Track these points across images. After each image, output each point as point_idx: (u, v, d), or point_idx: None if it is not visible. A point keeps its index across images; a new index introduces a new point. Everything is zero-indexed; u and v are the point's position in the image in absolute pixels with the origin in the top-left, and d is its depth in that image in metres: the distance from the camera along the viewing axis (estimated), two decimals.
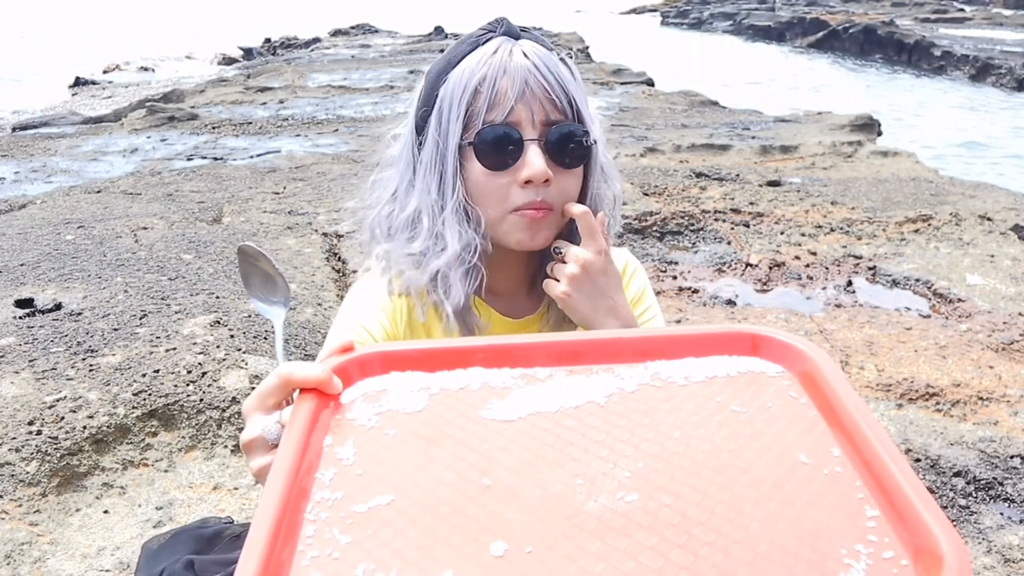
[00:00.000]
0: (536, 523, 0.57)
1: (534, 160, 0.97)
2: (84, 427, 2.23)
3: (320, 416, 0.69)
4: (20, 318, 2.92)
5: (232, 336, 2.73)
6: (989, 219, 4.32)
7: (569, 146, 1.00)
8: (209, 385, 2.44)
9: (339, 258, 3.81)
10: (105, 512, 2.09)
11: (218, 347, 2.63)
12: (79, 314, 2.93)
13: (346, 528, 0.57)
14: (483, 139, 0.98)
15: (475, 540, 0.56)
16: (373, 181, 1.12)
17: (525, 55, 0.98)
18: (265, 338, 2.79)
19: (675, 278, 3.74)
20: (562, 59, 1.02)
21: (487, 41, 1.01)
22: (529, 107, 0.98)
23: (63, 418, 2.25)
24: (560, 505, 0.59)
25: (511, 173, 0.99)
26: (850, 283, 3.66)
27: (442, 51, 1.06)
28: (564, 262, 1.03)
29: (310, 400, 0.70)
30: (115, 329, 2.77)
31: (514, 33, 1.02)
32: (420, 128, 1.04)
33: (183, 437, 2.32)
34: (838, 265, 3.86)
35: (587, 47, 14.75)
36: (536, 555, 0.54)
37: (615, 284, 1.04)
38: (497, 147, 0.98)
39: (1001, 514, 2.14)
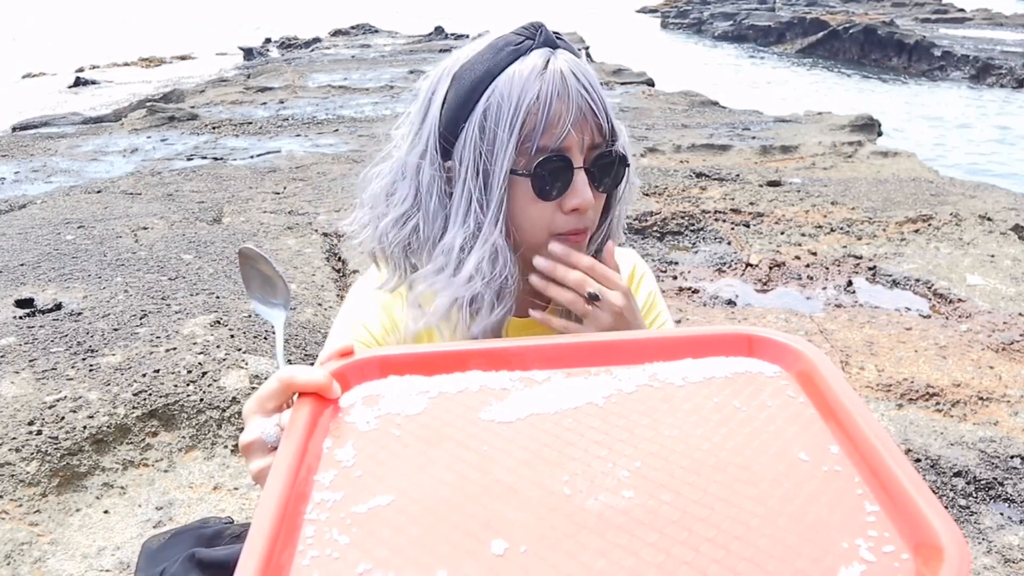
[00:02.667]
0: (536, 521, 0.57)
1: (583, 190, 0.95)
2: (84, 427, 2.23)
3: (319, 420, 0.69)
4: (20, 318, 2.92)
5: (232, 336, 2.73)
6: (989, 219, 4.32)
7: (611, 171, 0.98)
8: (209, 385, 2.44)
9: (339, 258, 3.81)
10: (105, 512, 2.09)
11: (218, 347, 2.64)
12: (79, 314, 2.93)
13: (345, 528, 0.57)
14: (542, 170, 0.94)
15: (476, 538, 0.56)
16: (380, 186, 1.03)
17: (574, 74, 0.93)
18: (265, 338, 2.79)
19: (675, 278, 3.74)
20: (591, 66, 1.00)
21: (528, 51, 0.94)
22: (581, 133, 0.94)
23: (63, 418, 2.25)
24: (560, 503, 0.59)
25: (557, 200, 0.96)
26: (850, 283, 3.66)
27: (446, 51, 1.00)
28: (596, 305, 0.96)
29: (308, 404, 0.70)
30: (115, 329, 2.77)
31: (552, 42, 0.96)
32: (449, 140, 0.96)
33: (183, 437, 2.32)
34: (838, 265, 3.86)
35: (587, 47, 14.75)
36: (537, 552, 0.54)
37: (638, 317, 1.00)
38: (553, 177, 0.95)
39: (1001, 514, 2.14)
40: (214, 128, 7.55)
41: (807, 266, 3.86)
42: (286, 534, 0.56)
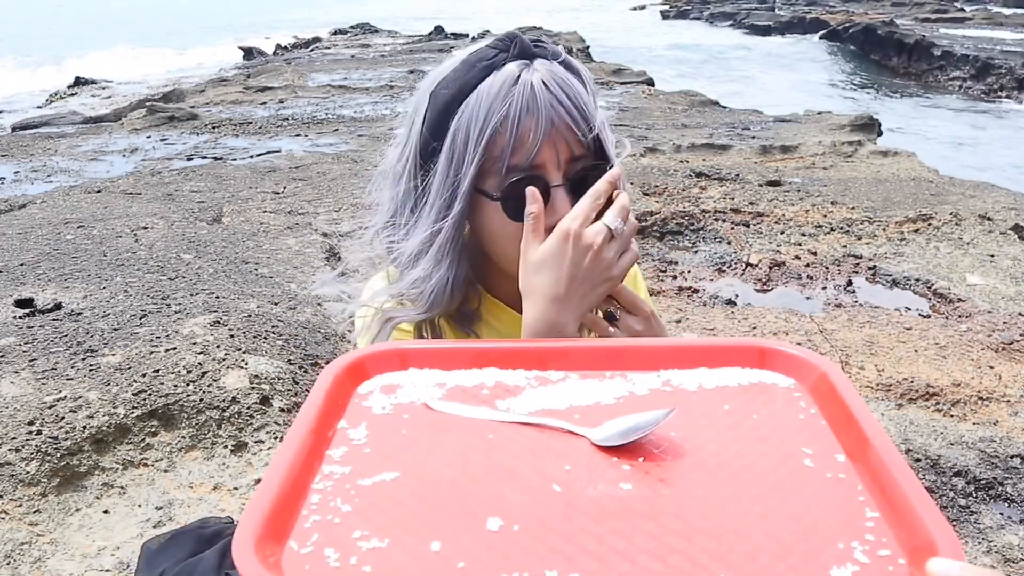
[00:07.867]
0: (534, 504, 0.59)
1: (562, 207, 0.90)
2: (84, 427, 2.23)
3: (336, 401, 0.73)
4: (20, 318, 2.92)
5: (232, 336, 2.74)
6: (989, 219, 4.32)
7: (591, 181, 0.92)
8: (209, 385, 2.44)
9: (339, 258, 3.82)
10: (105, 512, 2.09)
11: (218, 347, 2.64)
12: (79, 314, 2.93)
13: (349, 499, 0.60)
14: (511, 192, 0.90)
15: (473, 515, 0.58)
16: (372, 200, 1.07)
17: (546, 86, 0.90)
18: (265, 338, 2.79)
19: (675, 278, 3.74)
20: (576, 72, 0.94)
21: (502, 64, 0.91)
22: (555, 147, 0.90)
23: (63, 418, 2.25)
24: (560, 489, 0.61)
25: None
26: (850, 283, 3.66)
27: (446, 51, 1.00)
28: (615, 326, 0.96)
29: (326, 384, 0.73)
30: (115, 329, 2.77)
31: (528, 52, 0.92)
32: (426, 156, 0.96)
33: (183, 437, 2.32)
34: (838, 265, 3.86)
35: (587, 47, 14.75)
36: (531, 531, 0.56)
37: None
38: (523, 198, 0.90)
39: (1001, 514, 2.14)
40: (214, 128, 7.55)
41: (807, 266, 3.86)
42: (292, 499, 0.59)
